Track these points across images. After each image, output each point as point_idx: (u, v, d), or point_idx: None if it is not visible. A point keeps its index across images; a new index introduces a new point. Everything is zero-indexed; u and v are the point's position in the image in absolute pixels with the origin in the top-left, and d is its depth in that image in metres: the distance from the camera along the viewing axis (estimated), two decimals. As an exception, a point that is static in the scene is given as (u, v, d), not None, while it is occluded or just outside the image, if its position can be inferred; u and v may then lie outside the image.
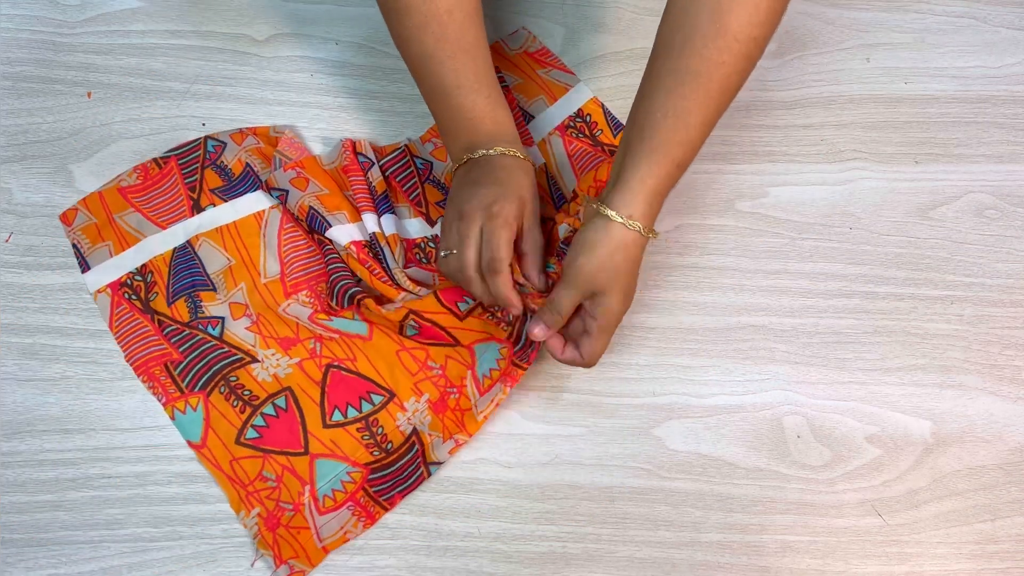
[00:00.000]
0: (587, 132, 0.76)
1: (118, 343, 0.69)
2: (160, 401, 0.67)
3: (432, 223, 0.73)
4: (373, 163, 0.73)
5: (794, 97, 0.77)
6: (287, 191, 0.71)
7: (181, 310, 0.69)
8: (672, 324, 0.71)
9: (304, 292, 0.70)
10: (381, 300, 0.69)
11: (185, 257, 0.71)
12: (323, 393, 0.66)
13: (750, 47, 0.57)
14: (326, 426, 0.66)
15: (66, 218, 0.72)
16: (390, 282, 0.68)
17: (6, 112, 0.76)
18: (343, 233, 0.69)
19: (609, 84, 0.78)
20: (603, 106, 0.77)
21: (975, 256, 0.73)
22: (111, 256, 0.70)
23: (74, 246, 0.71)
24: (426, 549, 0.65)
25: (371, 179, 0.72)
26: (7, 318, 0.70)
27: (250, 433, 0.66)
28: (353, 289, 0.68)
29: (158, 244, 0.71)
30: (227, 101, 0.77)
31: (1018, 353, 0.70)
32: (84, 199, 0.72)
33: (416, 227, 0.73)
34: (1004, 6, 0.81)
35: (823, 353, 0.70)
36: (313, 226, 0.70)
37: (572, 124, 0.76)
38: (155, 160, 0.73)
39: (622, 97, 0.77)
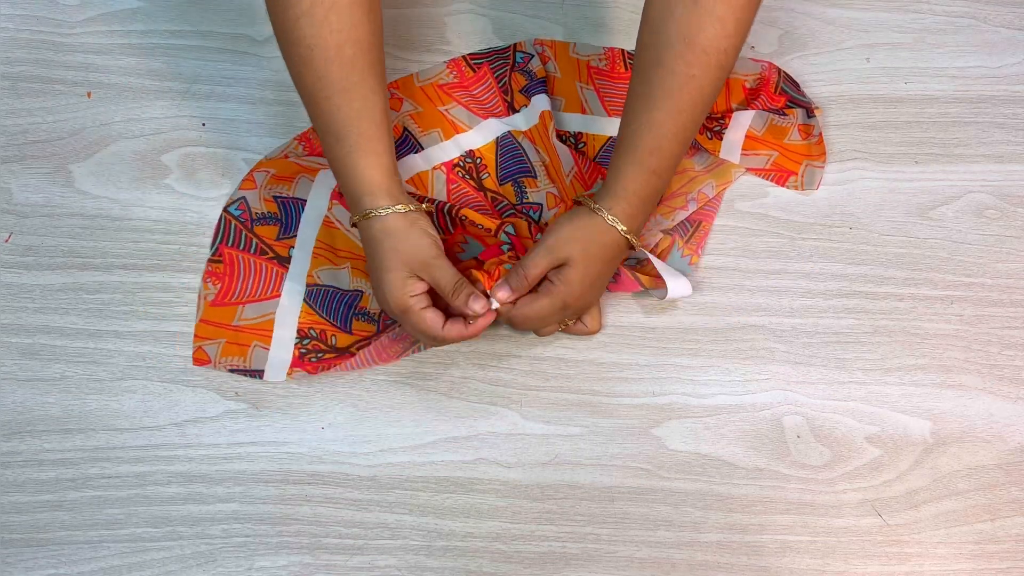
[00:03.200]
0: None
1: (367, 367, 0.68)
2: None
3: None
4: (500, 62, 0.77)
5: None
6: None
7: (363, 327, 0.70)
8: (672, 324, 0.71)
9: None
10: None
11: (320, 295, 0.70)
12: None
13: (720, 59, 0.59)
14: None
15: (201, 361, 0.69)
16: (483, 203, 0.72)
17: (6, 112, 0.76)
18: (434, 155, 0.73)
19: (609, 84, 0.78)
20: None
21: (975, 256, 0.73)
22: (267, 349, 0.69)
23: (233, 370, 0.68)
24: (426, 549, 0.65)
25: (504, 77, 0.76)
26: (7, 318, 0.70)
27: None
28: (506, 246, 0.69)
29: (290, 307, 0.70)
30: (227, 101, 0.77)
31: (1018, 353, 0.70)
32: (196, 335, 0.69)
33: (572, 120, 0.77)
34: (1004, 6, 0.81)
35: (823, 353, 0.70)
36: (406, 147, 0.73)
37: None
38: (212, 260, 0.71)
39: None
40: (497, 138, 0.75)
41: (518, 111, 0.76)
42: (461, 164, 0.74)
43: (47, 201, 0.73)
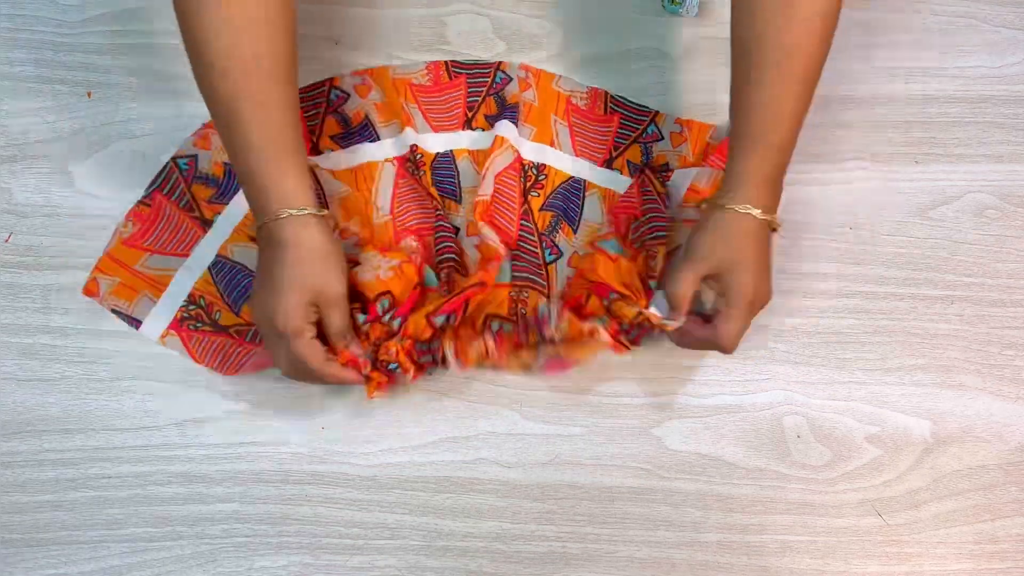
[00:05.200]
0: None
1: (216, 370, 0.68)
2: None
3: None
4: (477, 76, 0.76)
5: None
6: (348, 94, 0.75)
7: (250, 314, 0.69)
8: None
9: (412, 237, 0.71)
10: (467, 273, 0.70)
11: (224, 268, 0.70)
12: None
13: (821, 24, 0.59)
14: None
15: (90, 291, 0.70)
16: (425, 200, 0.71)
17: (6, 112, 0.76)
18: (388, 147, 0.73)
19: (609, 84, 0.77)
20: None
21: (975, 256, 0.73)
22: (154, 303, 0.70)
23: (114, 311, 0.69)
24: (426, 549, 0.65)
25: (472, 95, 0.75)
26: (7, 318, 0.70)
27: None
28: (447, 255, 0.69)
29: (192, 270, 0.70)
30: (227, 101, 0.77)
31: (1018, 353, 0.70)
32: (96, 266, 0.70)
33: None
34: (1004, 6, 0.80)
35: (823, 353, 0.70)
36: (362, 135, 0.73)
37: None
38: (141, 202, 0.72)
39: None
40: (437, 153, 0.74)
41: (474, 131, 0.75)
42: (411, 159, 0.73)
43: (47, 201, 0.73)
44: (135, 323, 0.69)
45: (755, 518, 0.66)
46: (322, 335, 0.62)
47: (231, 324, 0.69)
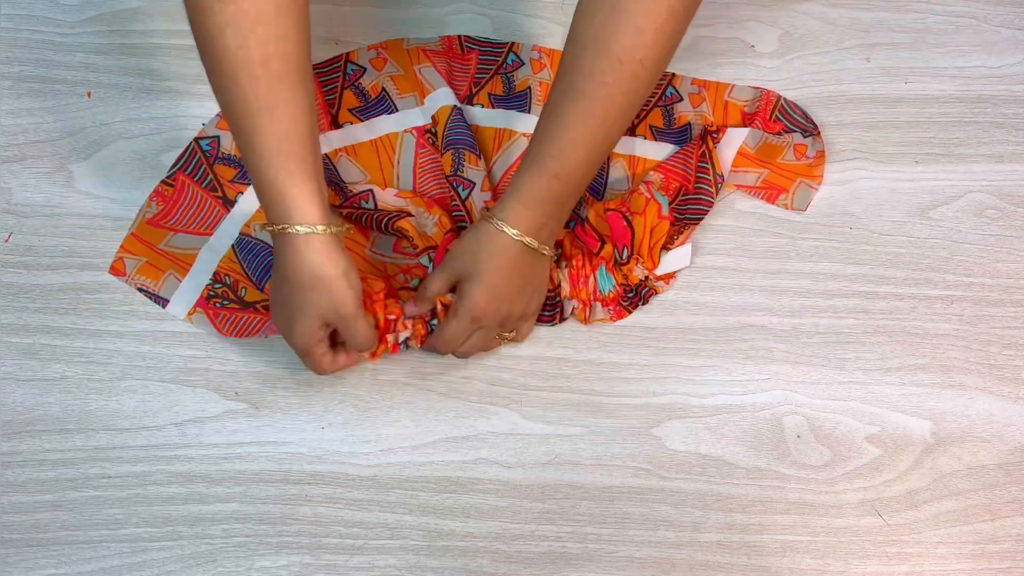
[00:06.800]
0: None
1: (245, 337, 0.69)
2: None
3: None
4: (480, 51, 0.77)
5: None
6: (365, 68, 0.76)
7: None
8: (672, 324, 0.71)
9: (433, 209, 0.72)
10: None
11: (247, 246, 0.71)
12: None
13: (635, 69, 0.57)
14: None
15: (117, 270, 0.71)
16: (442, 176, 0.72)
17: (6, 112, 0.76)
18: (407, 118, 0.74)
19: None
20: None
21: (975, 256, 0.73)
22: (179, 282, 0.70)
23: (141, 290, 0.70)
24: (426, 549, 0.65)
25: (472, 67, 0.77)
26: (7, 318, 0.70)
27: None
28: (459, 223, 0.70)
29: (216, 249, 0.71)
30: (227, 101, 0.77)
31: (1018, 353, 0.70)
32: (122, 246, 0.71)
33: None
34: (1004, 6, 0.81)
35: (823, 353, 0.70)
36: (380, 107, 0.75)
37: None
38: (164, 182, 0.73)
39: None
40: (454, 105, 0.74)
41: (474, 107, 0.76)
42: (431, 131, 0.74)
43: (47, 201, 0.73)
44: (162, 302, 0.70)
45: (755, 518, 0.66)
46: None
47: (256, 300, 0.70)
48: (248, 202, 0.72)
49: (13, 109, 0.76)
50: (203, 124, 0.75)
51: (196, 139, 0.74)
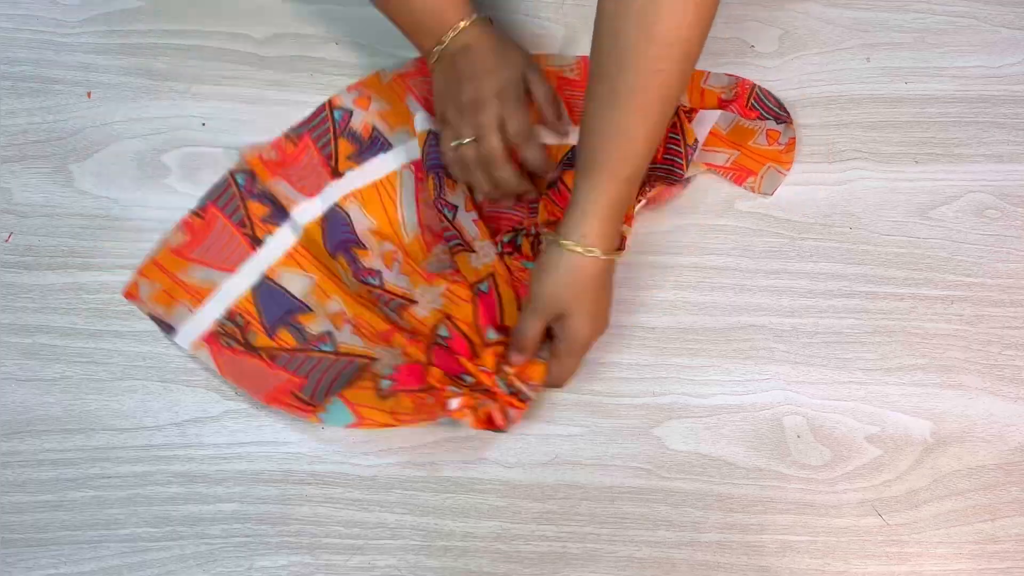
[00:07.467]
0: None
1: (238, 387, 0.68)
2: (304, 419, 0.67)
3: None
4: None
5: (794, 97, 0.77)
6: (351, 111, 0.75)
7: (286, 338, 0.69)
8: (672, 324, 0.71)
9: (440, 244, 0.72)
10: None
11: (267, 290, 0.70)
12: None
13: (684, 48, 0.57)
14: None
15: (131, 295, 0.70)
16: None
17: (6, 112, 0.76)
18: (403, 154, 0.74)
19: (609, 84, 0.77)
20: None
21: (975, 256, 0.73)
22: (191, 312, 0.69)
23: (151, 317, 0.69)
24: (426, 549, 0.65)
25: None
26: (7, 318, 0.70)
27: (384, 384, 0.66)
28: (453, 242, 0.70)
29: (235, 287, 0.70)
30: (227, 101, 0.77)
31: (1018, 353, 0.70)
32: (140, 270, 0.70)
33: None
34: (1004, 6, 0.81)
35: (823, 353, 0.70)
36: (375, 147, 0.74)
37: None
38: (194, 213, 0.72)
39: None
40: (429, 130, 0.73)
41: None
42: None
43: (47, 201, 0.73)
44: (171, 330, 0.69)
45: (755, 518, 0.66)
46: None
47: (263, 346, 0.69)
48: (276, 245, 0.71)
49: (13, 109, 0.76)
50: (238, 154, 0.74)
51: (232, 172, 0.73)
